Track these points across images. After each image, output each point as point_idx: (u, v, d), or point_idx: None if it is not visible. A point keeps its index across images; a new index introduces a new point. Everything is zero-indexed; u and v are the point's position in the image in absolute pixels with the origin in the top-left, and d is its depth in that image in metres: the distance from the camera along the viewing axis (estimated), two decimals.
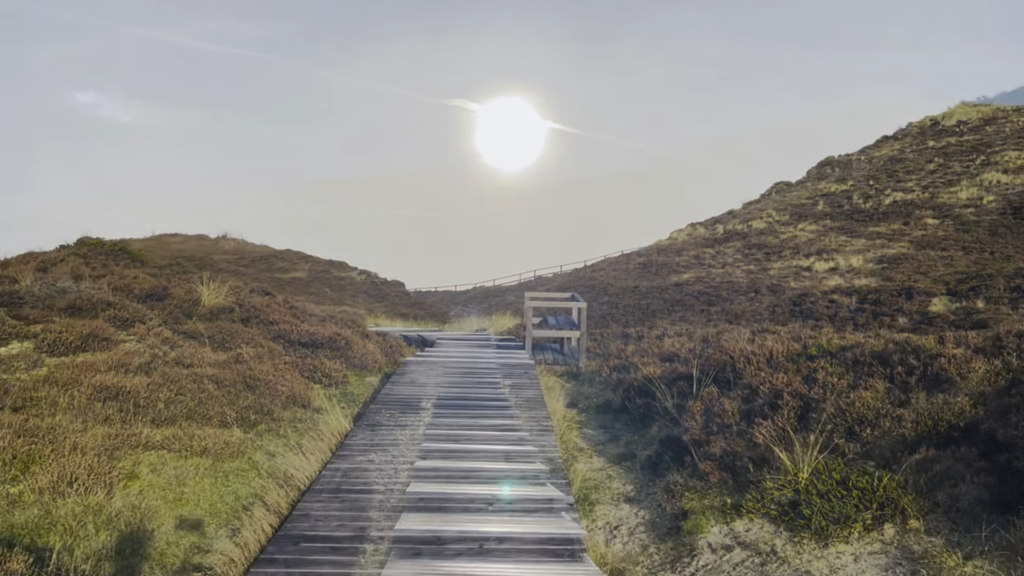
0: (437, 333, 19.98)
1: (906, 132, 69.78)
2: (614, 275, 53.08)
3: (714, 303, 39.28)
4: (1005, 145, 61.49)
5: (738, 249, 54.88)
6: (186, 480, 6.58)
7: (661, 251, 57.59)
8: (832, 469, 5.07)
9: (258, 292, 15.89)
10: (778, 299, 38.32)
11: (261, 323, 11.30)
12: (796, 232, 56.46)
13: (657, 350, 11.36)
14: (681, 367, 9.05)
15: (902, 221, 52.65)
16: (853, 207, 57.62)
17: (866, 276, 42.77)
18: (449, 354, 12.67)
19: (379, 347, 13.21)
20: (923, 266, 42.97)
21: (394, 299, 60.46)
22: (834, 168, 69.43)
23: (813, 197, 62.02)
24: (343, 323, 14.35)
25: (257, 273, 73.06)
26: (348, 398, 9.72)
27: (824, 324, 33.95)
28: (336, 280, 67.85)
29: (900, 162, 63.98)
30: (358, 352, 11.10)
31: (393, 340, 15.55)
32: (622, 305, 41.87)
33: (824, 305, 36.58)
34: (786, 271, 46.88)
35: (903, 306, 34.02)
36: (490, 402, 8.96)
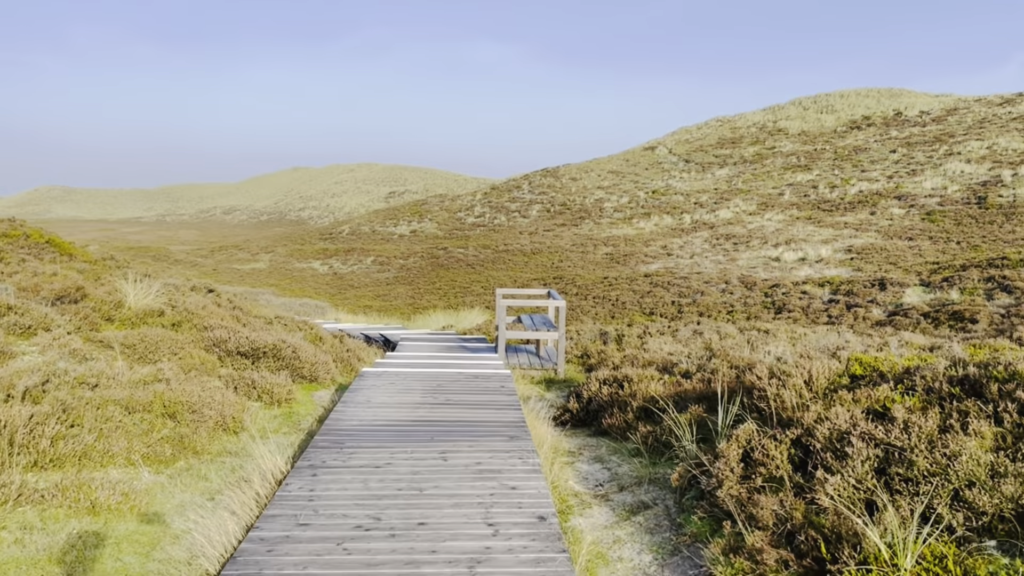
0: (401, 331, 18.24)
1: (870, 122, 69.17)
2: (581, 264, 51.62)
3: (685, 295, 37.95)
4: (967, 135, 61.04)
5: (706, 239, 53.73)
6: (57, 555, 4.85)
7: (628, 241, 56.25)
8: (946, 557, 3.55)
9: (201, 289, 14.05)
10: (750, 291, 37.10)
11: (195, 328, 9.52)
12: (763, 222, 55.45)
13: (648, 357, 9.80)
14: (688, 384, 7.46)
15: (868, 211, 51.84)
16: (819, 197, 56.77)
17: (835, 266, 41.78)
18: (413, 361, 10.93)
19: (334, 352, 11.49)
20: (892, 256, 42.07)
21: (358, 290, 58.44)
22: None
23: (779, 187, 61.15)
24: (294, 325, 12.59)
25: (216, 264, 70.54)
26: (291, 422, 8.01)
27: (798, 316, 32.80)
28: (297, 271, 65.59)
29: (864, 152, 63.31)
30: (308, 361, 9.38)
31: (351, 342, 13.81)
32: (592, 297, 40.38)
33: (797, 296, 35.41)
34: (755, 261, 45.77)
35: (876, 297, 32.93)
36: (461, 430, 7.25)
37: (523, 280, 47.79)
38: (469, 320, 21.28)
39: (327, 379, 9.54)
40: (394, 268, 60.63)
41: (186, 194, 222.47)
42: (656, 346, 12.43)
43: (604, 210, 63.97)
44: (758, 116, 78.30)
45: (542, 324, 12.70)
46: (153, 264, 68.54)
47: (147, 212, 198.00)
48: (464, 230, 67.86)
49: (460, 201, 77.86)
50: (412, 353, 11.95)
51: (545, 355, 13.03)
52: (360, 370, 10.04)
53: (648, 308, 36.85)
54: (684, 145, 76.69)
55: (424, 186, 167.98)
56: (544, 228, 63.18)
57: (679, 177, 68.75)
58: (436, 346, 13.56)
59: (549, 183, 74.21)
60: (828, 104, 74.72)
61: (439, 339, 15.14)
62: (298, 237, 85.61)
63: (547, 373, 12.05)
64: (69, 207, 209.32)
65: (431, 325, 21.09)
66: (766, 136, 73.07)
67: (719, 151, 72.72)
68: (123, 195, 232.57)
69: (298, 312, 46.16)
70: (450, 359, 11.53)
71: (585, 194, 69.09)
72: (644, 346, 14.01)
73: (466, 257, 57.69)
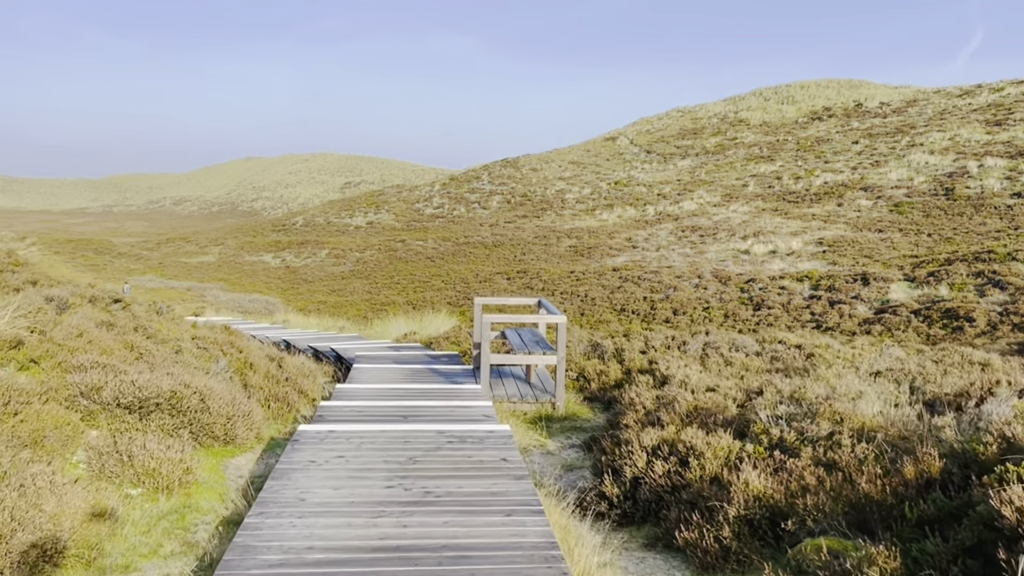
0: (357, 343, 15.29)
1: (831, 113, 67.54)
2: (545, 257, 48.93)
3: (657, 290, 35.44)
4: (928, 127, 59.63)
5: (671, 231, 51.37)
6: None
7: (592, 233, 53.72)
8: None
9: (103, 299, 11.00)
10: (725, 286, 34.73)
11: (60, 368, 6.61)
12: (729, 214, 53.28)
13: (690, 401, 7.05)
14: (808, 472, 4.58)
15: (835, 202, 49.95)
16: (784, 188, 54.84)
17: (808, 259, 39.66)
18: (370, 406, 7.85)
19: (267, 387, 8.58)
20: (865, 249, 40.10)
21: (312, 284, 54.96)
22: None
23: (743, 178, 59.11)
24: (217, 349, 9.61)
25: (162, 257, 66.33)
26: (182, 527, 5.07)
27: (779, 313, 30.51)
28: (248, 265, 61.81)
29: (827, 143, 61.60)
30: (221, 414, 6.48)
31: (294, 364, 10.85)
32: (559, 292, 37.68)
33: (775, 292, 33.06)
34: (724, 254, 43.50)
35: (860, 293, 30.70)
36: (454, 567, 4.25)
37: (486, 274, 44.94)
38: (434, 325, 18.40)
39: (249, 437, 6.64)
40: (350, 261, 57.29)
41: (134, 184, 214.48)
42: (675, 370, 9.75)
43: (566, 201, 61.35)
44: (719, 107, 76.31)
45: (534, 343, 9.89)
46: (95, 257, 64.14)
47: (93, 203, 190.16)
48: (423, 222, 64.72)
49: (418, 192, 74.61)
50: (370, 386, 9.04)
51: (537, 381, 10.23)
52: (297, 428, 6.90)
53: (619, 305, 34.32)
54: (645, 136, 74.38)
55: (381, 176, 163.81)
56: (505, 220, 60.35)
57: (641, 168, 66.42)
58: (400, 371, 10.65)
59: (509, 174, 71.34)
60: (789, 95, 73.02)
61: (403, 357, 12.22)
62: (250, 229, 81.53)
63: (543, 408, 9.29)
64: (10, 197, 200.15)
65: (391, 332, 18.16)
66: (727, 127, 71.09)
67: (681, 142, 70.55)
68: (68, 185, 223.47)
69: (247, 309, 42.69)
70: (420, 396, 8.63)
71: (546, 185, 66.39)
72: (654, 366, 11.29)
73: (425, 250, 54.62)
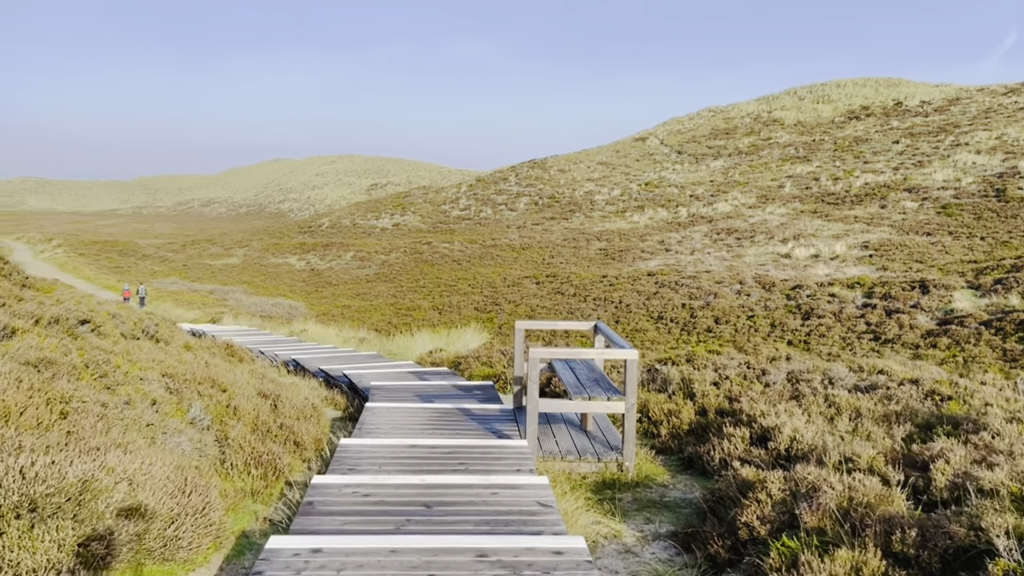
0: (375, 366, 13.11)
1: (870, 112, 64.54)
2: (574, 261, 46.60)
3: (696, 297, 33.00)
4: (973, 125, 56.53)
5: (705, 234, 48.82)
6: None
7: (623, 235, 51.31)
8: None
9: (67, 319, 8.91)
10: (769, 293, 32.21)
11: None
12: (765, 216, 50.62)
13: (845, 492, 4.80)
14: None
15: (878, 204, 47.11)
16: (823, 189, 52.07)
17: (854, 264, 36.99)
18: (376, 484, 5.46)
19: (248, 445, 6.45)
20: (916, 253, 37.34)
21: (336, 288, 53.01)
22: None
23: (778, 179, 56.39)
24: (193, 386, 7.50)
25: (187, 259, 64.75)
26: None
27: (831, 323, 27.98)
28: (273, 267, 60.05)
29: (866, 142, 58.70)
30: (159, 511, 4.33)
31: (291, 398, 8.70)
32: (591, 299, 35.34)
33: (825, 300, 30.43)
34: (763, 258, 40.95)
35: (919, 301, 28.05)
36: None
37: (514, 278, 42.71)
38: (462, 341, 16.23)
39: (203, 543, 4.47)
40: (375, 264, 55.31)
41: (164, 186, 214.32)
42: (773, 417, 7.48)
43: (595, 203, 58.95)
44: (752, 106, 73.43)
45: (592, 383, 7.64)
46: (119, 259, 62.69)
47: (124, 204, 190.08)
48: (449, 223, 62.61)
49: (444, 193, 72.52)
50: (382, 443, 6.81)
51: (595, 429, 7.98)
52: (266, 546, 4.52)
53: (656, 312, 31.96)
54: (676, 136, 71.71)
55: (407, 178, 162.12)
56: (533, 222, 58.07)
57: (672, 169, 63.84)
58: (423, 413, 8.42)
59: (537, 175, 69.02)
60: (824, 94, 70.01)
61: (428, 390, 10.00)
62: (276, 231, 79.95)
63: (606, 469, 7.08)
64: (43, 199, 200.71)
65: (415, 348, 15.99)
66: (761, 127, 68.24)
67: (713, 142, 67.82)
68: (99, 187, 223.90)
69: (269, 313, 40.76)
70: (448, 459, 6.41)
71: (575, 186, 64.01)
72: (736, 406, 8.99)
73: (451, 252, 52.48)
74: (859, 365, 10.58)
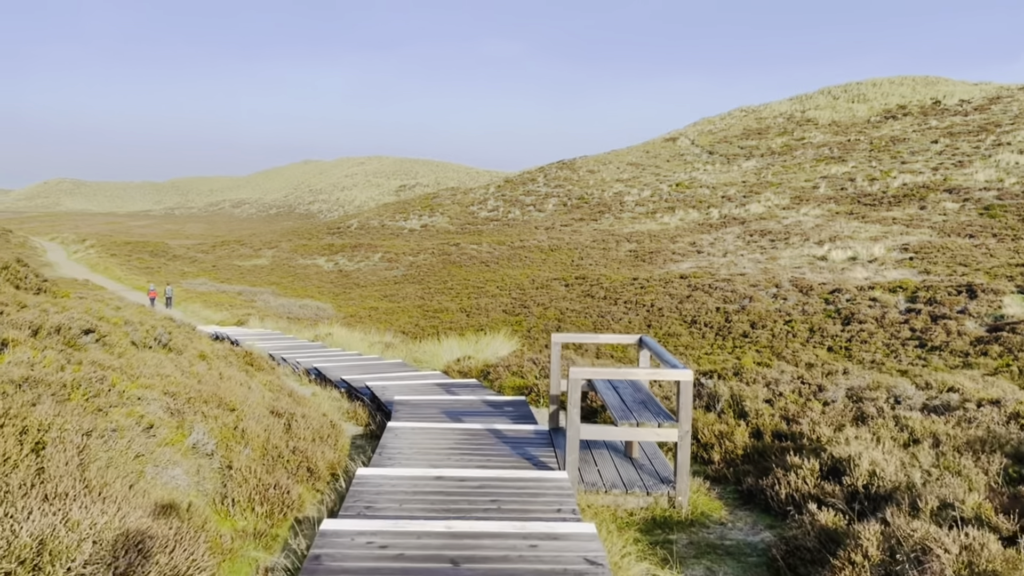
0: (401, 376, 12.34)
1: (906, 111, 62.80)
2: (604, 263, 45.62)
3: (730, 300, 31.90)
4: (1015, 125, 54.67)
5: (738, 235, 47.59)
6: None
7: (653, 237, 50.24)
8: None
9: (73, 329, 8.20)
10: (807, 297, 31.02)
11: None
12: (800, 217, 49.26)
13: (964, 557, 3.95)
14: None
15: (917, 205, 45.57)
16: (859, 190, 50.59)
17: (894, 267, 35.63)
18: (395, 531, 4.66)
19: (252, 478, 5.70)
20: (959, 256, 35.89)
21: (364, 289, 52.49)
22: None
23: (813, 179, 54.99)
24: (192, 413, 6.77)
25: (216, 260, 64.64)
26: None
27: (873, 328, 26.79)
28: (301, 268, 59.71)
29: (903, 142, 57.05)
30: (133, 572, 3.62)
31: (306, 425, 7.94)
32: (622, 301, 34.37)
33: (866, 305, 29.21)
34: (799, 261, 39.69)
35: (967, 307, 26.74)
36: None
37: (542, 280, 41.84)
38: (492, 348, 15.43)
39: None
40: (403, 265, 54.72)
41: (196, 187, 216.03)
42: (843, 445, 6.59)
43: (625, 204, 57.89)
44: (784, 106, 71.84)
45: (639, 405, 6.78)
46: (150, 260, 62.74)
47: (156, 205, 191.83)
48: (477, 224, 61.88)
49: (472, 194, 71.82)
50: (405, 474, 5.99)
51: (642, 457, 7.12)
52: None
53: (689, 316, 30.94)
54: (707, 136, 70.35)
55: (435, 179, 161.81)
56: (561, 223, 57.16)
57: (703, 169, 62.57)
58: (450, 434, 7.59)
59: (565, 176, 68.06)
60: (860, 93, 68.28)
61: (455, 406, 9.19)
62: (305, 232, 79.77)
63: (656, 505, 6.22)
64: (79, 200, 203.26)
65: (443, 355, 15.23)
66: (794, 127, 66.69)
67: (745, 142, 66.41)
68: (133, 188, 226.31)
69: (296, 315, 40.26)
70: (477, 495, 5.59)
71: (604, 187, 62.97)
72: (795, 427, 8.08)
73: (479, 254, 51.72)
74: (926, 381, 9.61)
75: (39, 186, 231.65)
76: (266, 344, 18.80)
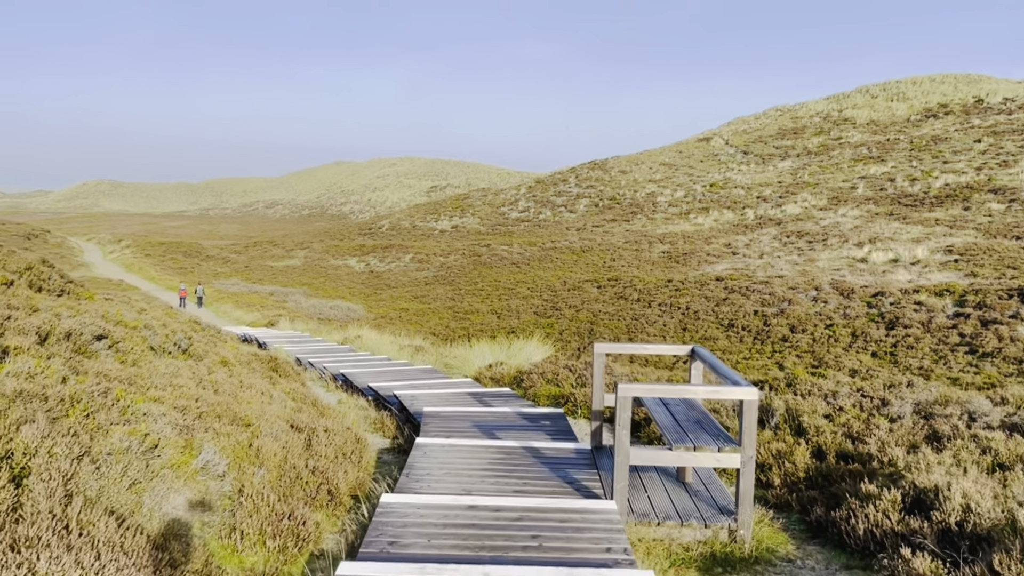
0: (431, 384, 11.72)
1: (948, 109, 61.04)
2: (636, 264, 44.74)
3: (768, 303, 30.90)
4: None
5: (774, 237, 46.42)
6: None
7: (687, 238, 49.22)
8: None
9: (85, 334, 7.66)
10: (848, 300, 29.91)
11: None
12: (838, 218, 47.94)
13: None
14: None
15: (961, 206, 44.09)
16: (899, 191, 49.13)
17: (938, 269, 34.32)
18: (433, 556, 4.14)
19: (264, 506, 5.09)
20: (1007, 258, 34.49)
21: (395, 290, 52.10)
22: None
23: (851, 180, 53.58)
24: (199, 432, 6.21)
25: (248, 260, 64.70)
26: None
27: (919, 334, 25.69)
28: (333, 269, 59.52)
29: (945, 141, 55.41)
30: None
31: (328, 442, 7.34)
32: (657, 304, 33.51)
33: (911, 309, 28.09)
34: (838, 263, 38.50)
35: (1019, 311, 25.58)
36: None
37: (574, 281, 41.07)
38: (524, 353, 14.76)
39: None
40: (434, 266, 54.23)
41: (230, 188, 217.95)
42: (925, 473, 5.85)
43: (657, 204, 56.89)
44: (821, 105, 70.28)
45: (694, 425, 6.07)
46: (183, 260, 62.95)
47: (191, 206, 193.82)
48: (508, 225, 61.24)
49: (503, 195, 71.19)
50: (433, 502, 5.33)
51: (696, 483, 6.41)
52: None
53: (726, 319, 30.01)
54: (741, 136, 69.04)
55: (466, 180, 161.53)
56: (593, 224, 56.31)
57: (738, 169, 61.34)
58: (483, 454, 6.91)
59: (597, 176, 67.17)
60: (899, 91, 66.55)
61: (488, 419, 8.53)
62: (337, 232, 79.72)
63: (715, 538, 5.53)
64: (116, 201, 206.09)
65: (473, 360, 14.59)
66: (831, 126, 65.17)
67: (780, 142, 65.03)
68: (169, 189, 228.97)
69: (327, 316, 39.92)
70: (515, 529, 4.94)
71: (636, 188, 61.99)
72: (861, 448, 7.31)
73: (510, 255, 51.07)
74: (1002, 396, 8.76)
75: (78, 187, 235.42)
76: (294, 347, 18.32)
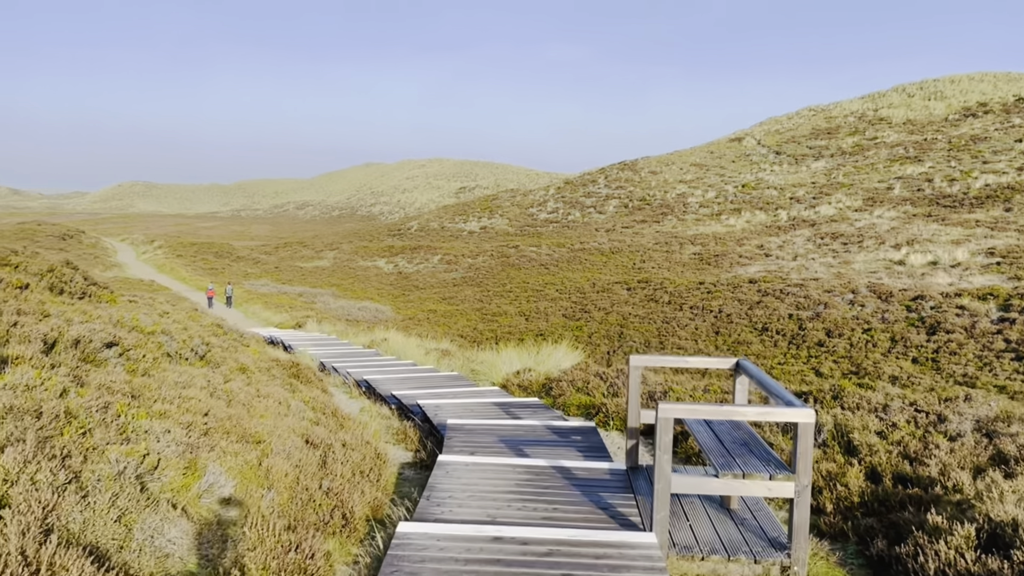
0: (457, 392, 11.26)
1: (987, 108, 59.43)
2: (667, 266, 43.97)
3: (804, 307, 30.05)
4: None
5: (808, 238, 45.38)
6: None
7: (718, 239, 48.33)
8: None
9: (94, 342, 7.33)
10: (886, 304, 28.97)
11: None
12: (873, 219, 46.74)
13: None
14: None
15: (1002, 207, 42.77)
16: (937, 191, 47.83)
17: (980, 272, 33.17)
18: None
19: (268, 539, 4.65)
20: None
21: (423, 291, 51.81)
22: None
23: (886, 180, 52.30)
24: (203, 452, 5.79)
25: (278, 261, 64.83)
26: None
27: (962, 339, 24.75)
28: (362, 270, 59.40)
29: (984, 141, 53.90)
30: None
31: (345, 459, 6.89)
32: (688, 307, 32.77)
33: (953, 313, 27.12)
34: (874, 265, 37.47)
35: None
36: None
37: (603, 283, 40.43)
38: (553, 359, 14.25)
39: None
40: (462, 268, 53.86)
41: (261, 189, 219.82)
42: (998, 504, 5.27)
43: (688, 205, 56.00)
44: (856, 104, 68.85)
45: (740, 447, 5.53)
46: (214, 261, 63.24)
47: (224, 207, 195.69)
48: (536, 227, 60.69)
49: (532, 196, 70.67)
50: (457, 532, 4.88)
51: (743, 510, 5.85)
52: None
53: (760, 323, 29.23)
54: (774, 136, 67.84)
55: (495, 181, 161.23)
56: (623, 225, 55.58)
57: (770, 170, 60.23)
58: (510, 473, 6.41)
59: (627, 177, 66.38)
60: (936, 90, 64.95)
61: (515, 433, 8.03)
62: (366, 234, 79.72)
63: (764, 572, 4.97)
64: (150, 202, 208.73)
65: (500, 366, 14.11)
66: (866, 126, 63.78)
67: (813, 142, 63.78)
68: (201, 190, 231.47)
69: (355, 317, 39.69)
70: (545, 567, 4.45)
71: (666, 188, 61.13)
72: (921, 470, 6.69)
73: (539, 256, 50.52)
74: None
75: (114, 188, 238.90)
76: (318, 351, 17.97)
